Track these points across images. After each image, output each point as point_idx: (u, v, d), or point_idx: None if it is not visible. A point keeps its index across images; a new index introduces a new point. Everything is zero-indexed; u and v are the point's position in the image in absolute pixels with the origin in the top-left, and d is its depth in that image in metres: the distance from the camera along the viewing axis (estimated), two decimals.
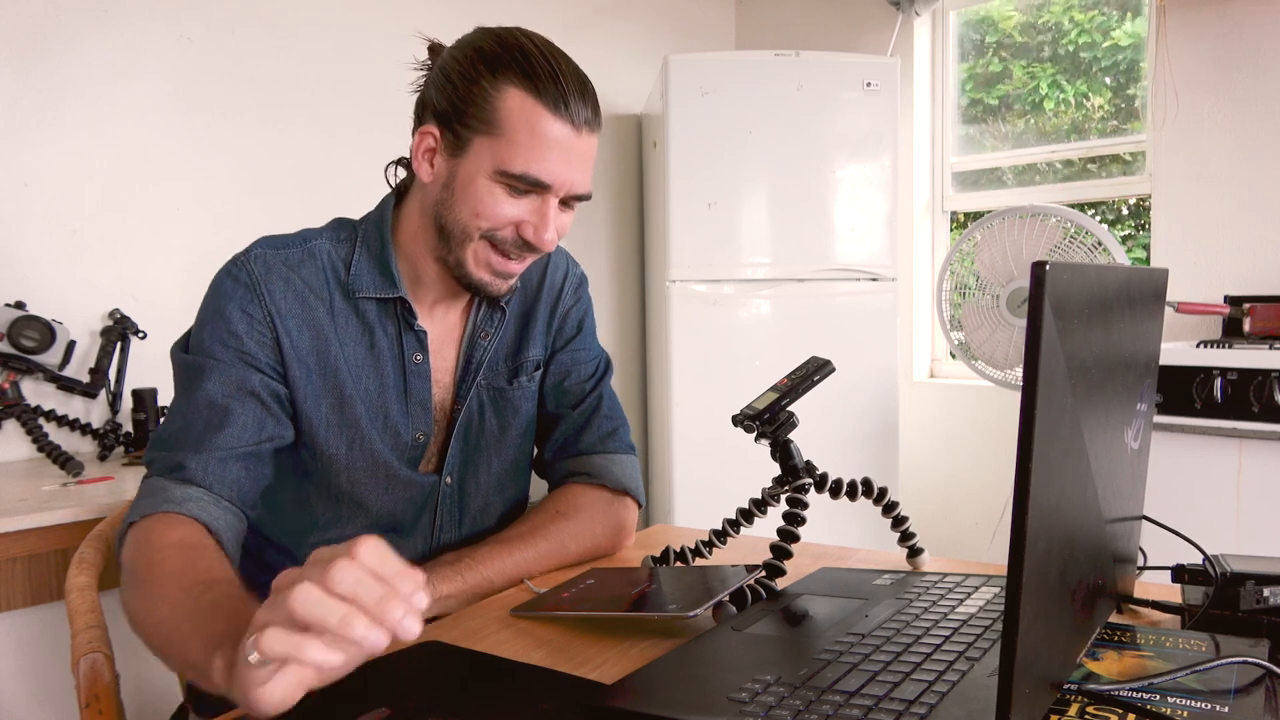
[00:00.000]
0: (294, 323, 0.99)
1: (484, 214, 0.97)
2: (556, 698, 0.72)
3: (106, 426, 1.94)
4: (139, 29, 2.10)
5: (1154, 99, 2.78)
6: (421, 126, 1.00)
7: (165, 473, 0.93)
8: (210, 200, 2.21)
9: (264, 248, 1.02)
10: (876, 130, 2.81)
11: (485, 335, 1.11)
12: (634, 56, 3.27)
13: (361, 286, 1.03)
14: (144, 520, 0.89)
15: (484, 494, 1.13)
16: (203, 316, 0.99)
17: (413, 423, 1.06)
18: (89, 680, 0.95)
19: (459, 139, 0.96)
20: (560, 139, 0.95)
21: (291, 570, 0.59)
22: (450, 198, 0.98)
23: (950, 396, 3.26)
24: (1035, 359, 0.51)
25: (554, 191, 0.97)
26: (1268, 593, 0.78)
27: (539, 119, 0.94)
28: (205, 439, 0.94)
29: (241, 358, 0.97)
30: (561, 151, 0.95)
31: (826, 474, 1.00)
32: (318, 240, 1.04)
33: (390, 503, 1.06)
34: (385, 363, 1.04)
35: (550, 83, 0.94)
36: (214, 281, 1.01)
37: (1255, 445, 2.12)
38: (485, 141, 0.95)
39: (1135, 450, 0.79)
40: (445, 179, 0.98)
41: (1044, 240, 2.36)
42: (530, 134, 0.94)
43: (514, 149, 0.94)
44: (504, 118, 0.94)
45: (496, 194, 0.96)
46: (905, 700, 0.65)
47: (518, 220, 0.98)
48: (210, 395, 0.95)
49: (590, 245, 3.17)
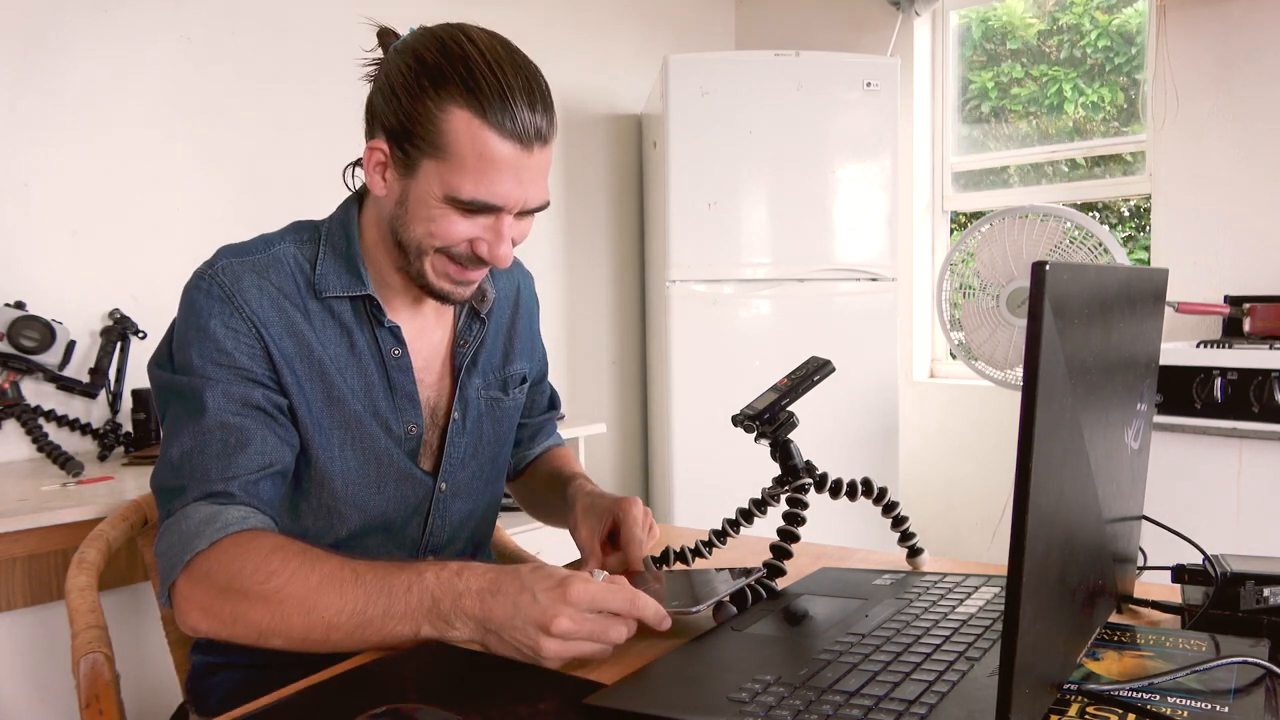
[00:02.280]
0: (276, 330, 0.98)
1: (437, 234, 0.96)
2: (556, 697, 0.72)
3: (106, 426, 1.94)
4: (139, 29, 2.11)
5: (1154, 99, 2.78)
6: (372, 140, 0.98)
7: (205, 498, 0.90)
8: (210, 200, 2.21)
9: (228, 257, 0.99)
10: (876, 130, 2.81)
11: (465, 343, 1.11)
12: (634, 56, 3.27)
13: (329, 286, 1.01)
14: (214, 547, 0.86)
15: (473, 498, 1.14)
16: (185, 335, 0.96)
17: (402, 416, 1.05)
18: (89, 680, 0.95)
19: (408, 158, 0.94)
20: (509, 159, 0.92)
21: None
22: (404, 215, 0.97)
23: (950, 396, 3.26)
24: (1035, 359, 0.51)
25: (506, 210, 0.96)
26: (1268, 593, 0.78)
27: (486, 142, 0.91)
28: (232, 461, 0.92)
29: (237, 373, 0.95)
30: (511, 172, 0.93)
31: (826, 474, 1.00)
32: (280, 244, 1.02)
33: (383, 503, 1.05)
34: (367, 360, 1.03)
35: (496, 99, 0.90)
36: (186, 299, 0.98)
37: (1255, 445, 2.12)
38: (433, 165, 0.93)
39: (1135, 450, 0.79)
40: (398, 196, 0.97)
41: (1044, 240, 2.36)
42: (478, 158, 0.91)
43: (462, 174, 0.92)
44: (450, 141, 0.91)
45: (449, 215, 0.95)
46: (905, 700, 0.65)
47: (472, 238, 0.97)
48: (220, 416, 0.93)
49: (590, 245, 3.17)
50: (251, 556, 0.85)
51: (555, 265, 3.08)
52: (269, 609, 0.83)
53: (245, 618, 0.84)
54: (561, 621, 0.75)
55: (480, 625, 0.79)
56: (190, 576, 0.87)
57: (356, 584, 0.82)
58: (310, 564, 0.84)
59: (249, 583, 0.84)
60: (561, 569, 0.81)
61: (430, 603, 0.80)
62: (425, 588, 0.81)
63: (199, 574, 0.86)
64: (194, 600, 0.87)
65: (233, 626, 0.85)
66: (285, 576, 0.83)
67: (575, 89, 3.10)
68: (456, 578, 0.81)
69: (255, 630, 0.85)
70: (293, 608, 0.83)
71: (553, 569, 0.81)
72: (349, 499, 1.03)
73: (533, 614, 0.76)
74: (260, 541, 0.88)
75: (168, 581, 0.88)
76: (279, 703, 0.73)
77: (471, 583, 0.80)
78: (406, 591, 0.81)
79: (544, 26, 3.00)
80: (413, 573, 0.82)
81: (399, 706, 0.65)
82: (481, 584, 0.80)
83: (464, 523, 1.14)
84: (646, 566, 1.05)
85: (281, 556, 0.85)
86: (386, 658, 0.82)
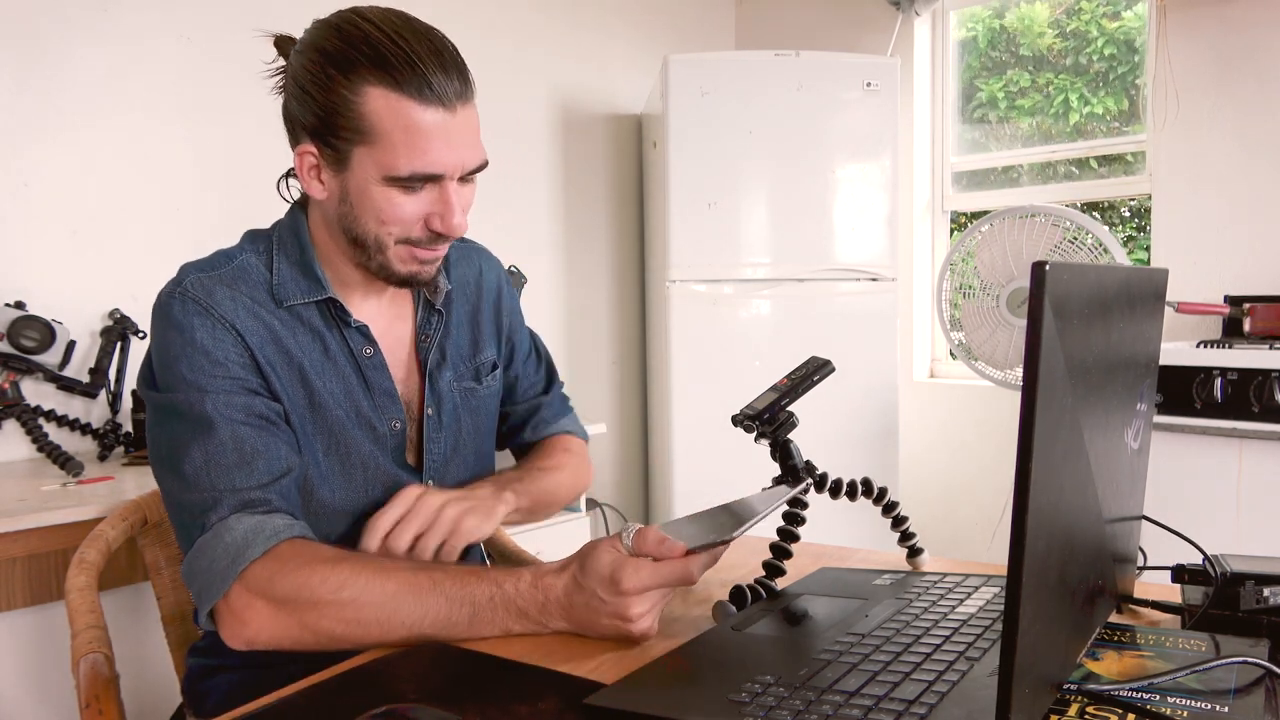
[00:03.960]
0: (256, 338, 0.97)
1: (388, 219, 0.95)
2: (556, 697, 0.72)
3: (106, 426, 1.94)
4: (139, 29, 2.11)
5: (1154, 99, 2.78)
6: (298, 146, 0.97)
7: (243, 508, 0.89)
8: (210, 200, 2.21)
9: (194, 273, 0.97)
10: (876, 130, 2.81)
11: (426, 338, 1.10)
12: (634, 56, 3.27)
13: (288, 294, 1.00)
14: (269, 555, 0.86)
15: None
16: (169, 352, 0.94)
17: (384, 414, 1.05)
18: (89, 680, 0.95)
19: (338, 153, 0.93)
20: (436, 125, 0.91)
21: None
22: (350, 211, 0.96)
23: (950, 396, 3.26)
24: (1035, 359, 0.51)
25: (448, 178, 0.95)
26: (1268, 593, 0.78)
27: (408, 113, 0.90)
28: (253, 469, 0.91)
29: (233, 383, 0.93)
30: (441, 137, 0.92)
31: (826, 474, 1.00)
32: (241, 255, 1.01)
33: (370, 505, 1.03)
34: (342, 363, 1.02)
35: (406, 69, 0.89)
36: (161, 317, 0.96)
37: (1255, 445, 2.12)
38: (363, 151, 0.92)
39: (1135, 450, 0.79)
40: (339, 193, 0.96)
41: (1044, 240, 2.36)
42: (405, 132, 0.90)
43: (394, 152, 0.91)
44: (374, 123, 0.90)
45: (393, 197, 0.94)
46: (905, 700, 0.65)
47: (423, 215, 0.96)
48: (228, 427, 0.91)
49: (590, 245, 3.17)
50: (318, 565, 0.85)
51: (555, 265, 3.08)
52: (344, 617, 0.84)
53: (317, 626, 0.85)
54: (633, 609, 0.81)
55: (570, 626, 0.84)
56: (247, 586, 0.86)
57: (435, 591, 0.84)
58: (383, 572, 0.86)
59: (320, 591, 0.84)
60: (603, 556, 0.82)
61: (517, 612, 0.84)
62: (508, 598, 0.84)
63: (258, 583, 0.86)
64: (254, 610, 0.86)
65: (301, 634, 0.85)
66: (360, 585, 0.84)
67: (575, 89, 3.10)
68: (534, 590, 0.84)
69: (329, 638, 0.85)
70: (370, 615, 0.84)
71: (596, 561, 0.82)
72: (335, 504, 1.02)
73: (607, 613, 0.81)
74: (320, 550, 0.88)
75: (213, 598, 0.87)
76: (278, 703, 0.73)
77: (550, 593, 0.84)
78: (489, 602, 0.84)
79: (544, 27, 3.00)
80: (491, 583, 0.85)
81: (399, 706, 0.65)
82: (558, 594, 0.84)
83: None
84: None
85: (350, 565, 0.86)
86: (386, 658, 0.82)
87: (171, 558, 1.19)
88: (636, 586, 0.80)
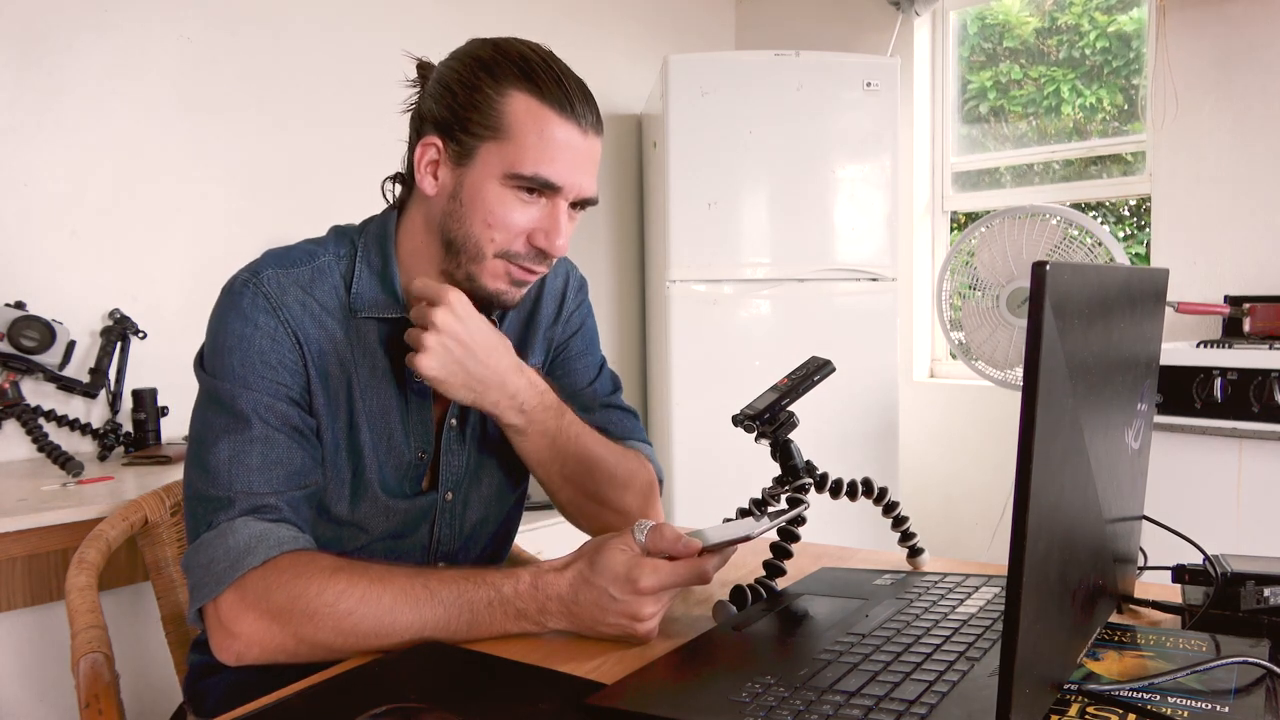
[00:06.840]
0: (315, 347, 0.96)
1: (495, 223, 0.95)
2: (556, 697, 0.72)
3: (106, 426, 1.94)
4: (139, 29, 2.10)
5: (1154, 99, 2.78)
6: (422, 138, 0.97)
7: (252, 512, 0.89)
8: (210, 200, 2.21)
9: (274, 268, 0.97)
10: (876, 130, 2.81)
11: None
12: (634, 56, 3.27)
13: (364, 306, 0.99)
14: (269, 565, 0.86)
15: (484, 505, 1.11)
16: (224, 341, 0.94)
17: (414, 442, 1.04)
18: (89, 680, 0.95)
19: (464, 147, 0.95)
20: (568, 141, 0.95)
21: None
22: (459, 209, 0.96)
23: (950, 396, 3.26)
24: (1035, 359, 0.51)
25: (564, 194, 0.96)
26: (1268, 593, 0.78)
27: (546, 121, 0.94)
28: (274, 475, 0.91)
29: (278, 387, 0.93)
30: (570, 153, 0.95)
31: (826, 474, 1.00)
32: (323, 256, 1.00)
33: (386, 523, 1.04)
34: (389, 384, 1.01)
35: (554, 86, 0.94)
36: (229, 302, 0.95)
37: (1255, 445, 2.12)
38: (493, 146, 0.94)
39: (1135, 450, 0.79)
40: (451, 189, 0.96)
41: (1044, 240, 2.36)
42: (539, 136, 0.93)
43: (523, 151, 0.93)
44: (511, 121, 0.93)
45: (507, 200, 0.95)
46: (905, 700, 0.65)
47: (529, 229, 0.96)
48: (261, 429, 0.91)
49: (590, 245, 3.17)
50: (316, 576, 0.85)
51: None
52: (341, 629, 0.83)
53: (314, 638, 0.84)
54: (647, 609, 0.81)
55: (570, 625, 0.84)
56: (242, 593, 0.85)
57: (432, 601, 0.84)
58: (380, 582, 0.85)
59: (316, 603, 0.83)
60: (617, 555, 0.82)
61: (515, 613, 0.84)
62: (506, 600, 0.84)
63: (254, 591, 0.85)
64: (245, 623, 0.85)
65: (296, 647, 0.85)
66: (356, 597, 0.84)
67: None
68: (534, 590, 0.84)
69: (324, 649, 0.85)
70: (368, 627, 0.84)
71: (609, 559, 0.82)
72: (354, 521, 1.02)
73: (617, 611, 0.81)
74: (320, 561, 0.87)
75: (205, 597, 0.86)
76: (278, 703, 0.73)
77: (551, 591, 0.84)
78: (488, 606, 0.84)
79: (544, 27, 3.00)
80: (489, 586, 0.85)
81: (399, 706, 0.65)
82: (560, 591, 0.83)
83: (477, 531, 1.12)
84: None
85: (347, 576, 0.85)
86: (386, 658, 0.82)
87: (171, 558, 1.19)
88: (654, 585, 0.80)
